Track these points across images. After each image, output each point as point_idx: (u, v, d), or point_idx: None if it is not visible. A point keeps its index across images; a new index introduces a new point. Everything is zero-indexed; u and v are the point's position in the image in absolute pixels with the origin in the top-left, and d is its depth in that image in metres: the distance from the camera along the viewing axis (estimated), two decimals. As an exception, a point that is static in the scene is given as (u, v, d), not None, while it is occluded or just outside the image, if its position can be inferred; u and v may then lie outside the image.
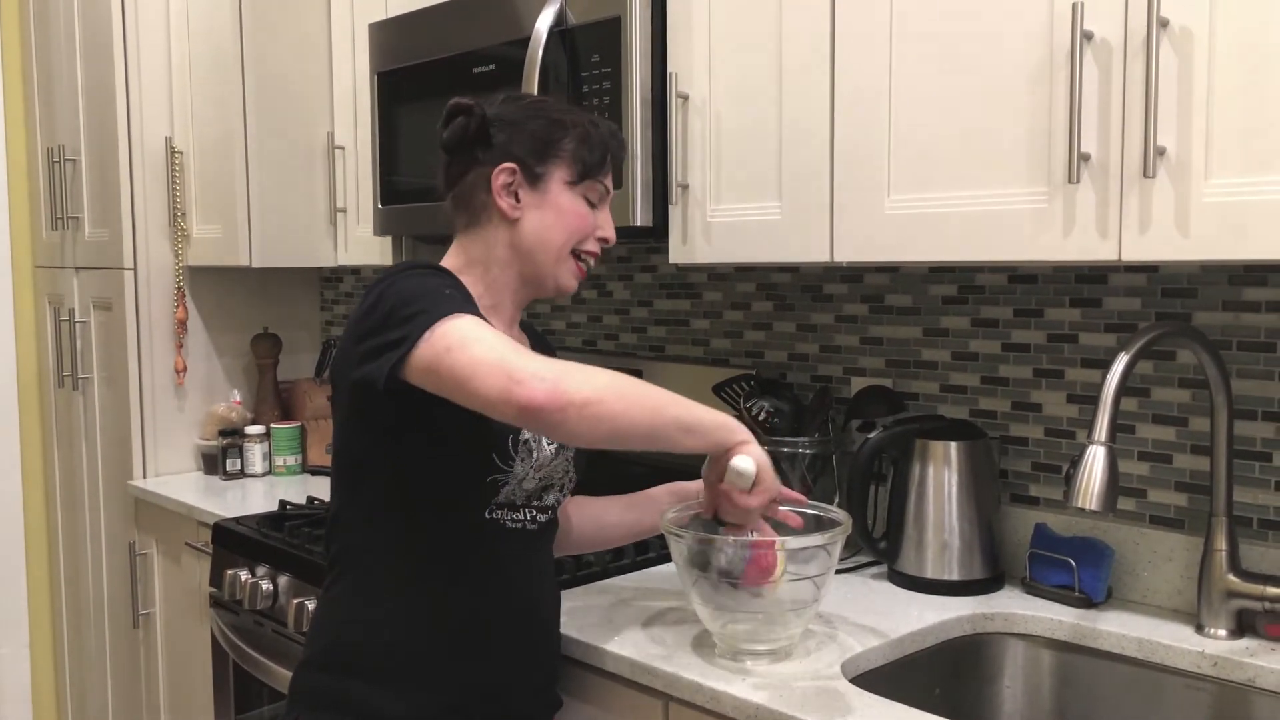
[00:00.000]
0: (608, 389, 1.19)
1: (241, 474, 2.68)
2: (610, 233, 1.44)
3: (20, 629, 3.19)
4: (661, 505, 1.54)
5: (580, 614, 1.56)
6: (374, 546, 1.37)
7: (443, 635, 1.36)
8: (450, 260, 1.42)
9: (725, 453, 1.29)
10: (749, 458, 1.29)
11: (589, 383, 1.18)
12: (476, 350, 1.18)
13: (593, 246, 1.42)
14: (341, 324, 3.03)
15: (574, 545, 1.62)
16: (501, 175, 1.37)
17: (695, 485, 1.48)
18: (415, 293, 1.26)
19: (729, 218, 1.65)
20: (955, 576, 1.63)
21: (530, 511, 1.41)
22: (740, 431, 1.30)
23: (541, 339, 1.60)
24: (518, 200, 1.38)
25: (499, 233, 1.39)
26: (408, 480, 1.33)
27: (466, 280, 1.38)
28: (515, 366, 1.16)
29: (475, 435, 1.31)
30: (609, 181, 1.43)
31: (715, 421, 1.28)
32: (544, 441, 1.39)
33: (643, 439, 1.22)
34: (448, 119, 1.40)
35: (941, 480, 1.64)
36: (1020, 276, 1.72)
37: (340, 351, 1.34)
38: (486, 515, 1.36)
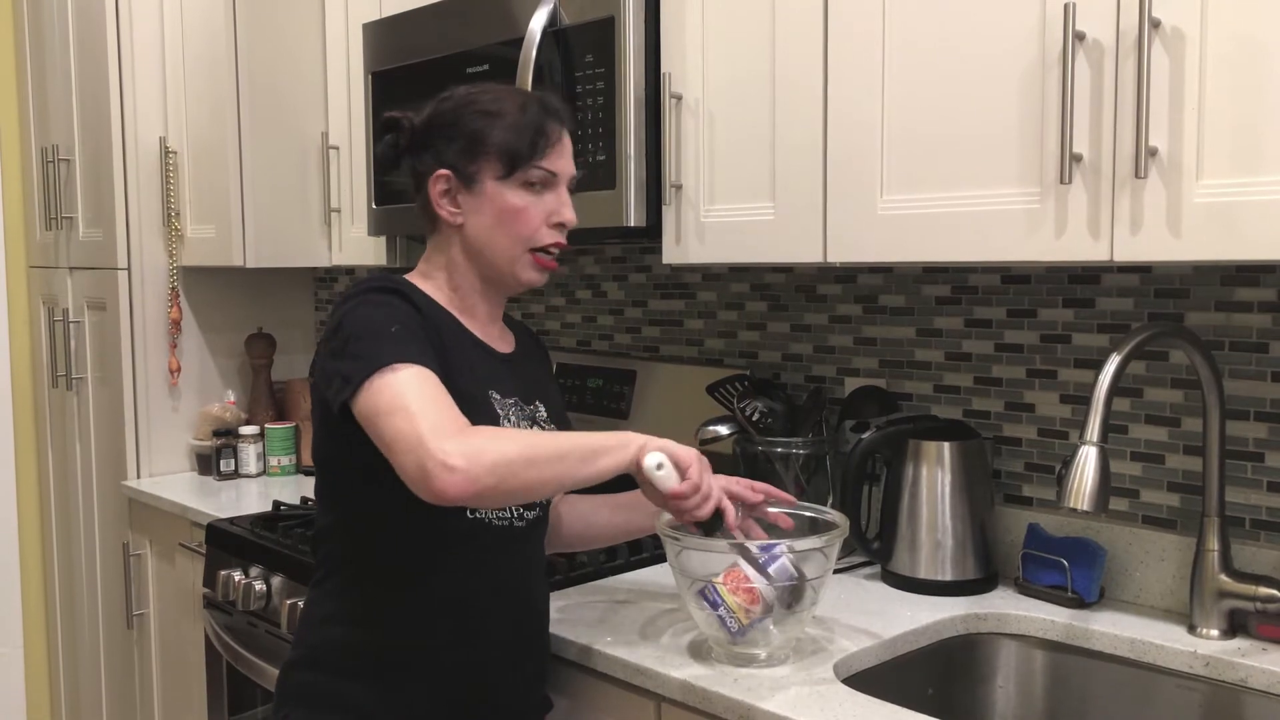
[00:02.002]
0: (516, 459, 1.18)
1: (235, 474, 2.68)
2: (566, 215, 1.39)
3: (14, 629, 3.18)
4: (650, 506, 1.53)
5: (574, 614, 1.56)
6: (359, 546, 1.37)
7: (431, 633, 1.36)
8: (421, 266, 1.43)
9: (637, 466, 1.27)
10: (653, 453, 1.27)
11: (499, 461, 1.17)
12: (400, 422, 1.18)
13: (549, 237, 1.38)
14: (336, 324, 3.02)
15: (563, 543, 1.61)
16: (437, 183, 1.36)
17: None
18: (364, 328, 1.26)
19: (723, 218, 1.65)
20: (948, 577, 1.63)
21: (515, 509, 1.40)
22: (634, 438, 1.28)
23: (533, 338, 1.58)
24: (457, 206, 1.36)
25: (452, 238, 1.39)
26: (385, 486, 1.30)
27: (435, 286, 1.39)
28: (427, 454, 1.15)
29: None
30: (550, 163, 1.37)
31: (611, 442, 1.26)
32: None
33: (557, 489, 1.25)
34: (378, 135, 1.40)
35: (935, 480, 1.64)
36: (1013, 277, 1.72)
37: (314, 361, 1.35)
38: (469, 515, 1.35)
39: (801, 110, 1.53)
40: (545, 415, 1.47)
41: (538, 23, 1.77)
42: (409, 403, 1.19)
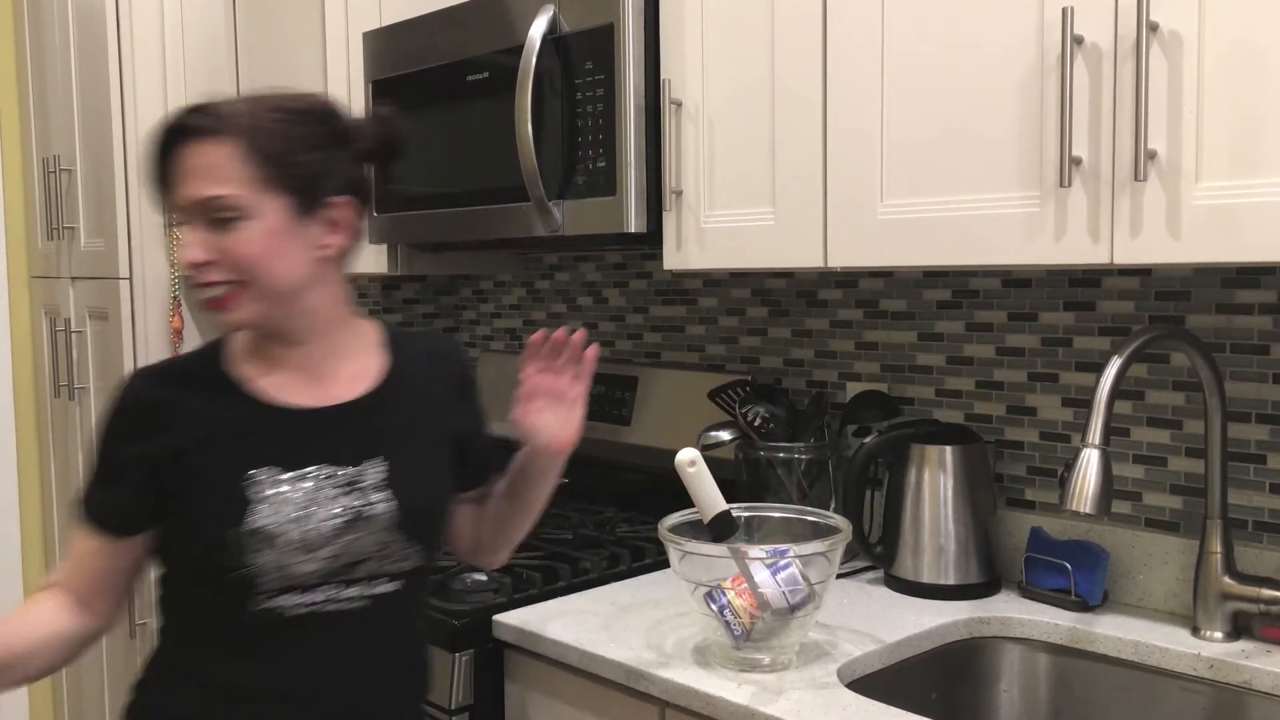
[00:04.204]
0: None
1: (238, 483, 2.67)
2: (181, 254, 1.21)
3: (17, 640, 3.17)
4: (521, 468, 1.35)
5: (576, 620, 1.56)
6: (167, 620, 1.30)
7: None
8: None
9: None
10: None
11: None
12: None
13: (193, 279, 1.18)
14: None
15: (484, 554, 1.44)
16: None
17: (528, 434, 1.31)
18: (91, 455, 1.25)
19: (723, 223, 1.65)
20: (951, 581, 1.63)
21: (330, 589, 1.19)
22: None
23: (434, 362, 1.35)
24: None
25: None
26: (167, 563, 1.26)
27: (243, 340, 1.26)
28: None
29: (187, 534, 1.20)
30: (172, 195, 1.17)
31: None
32: (312, 519, 1.18)
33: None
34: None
35: (937, 485, 1.64)
36: (1014, 281, 1.72)
37: None
38: (253, 608, 1.17)
39: (801, 116, 1.54)
40: (378, 479, 1.22)
41: (537, 30, 1.78)
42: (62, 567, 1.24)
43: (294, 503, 1.17)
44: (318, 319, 1.22)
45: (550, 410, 1.29)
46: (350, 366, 1.27)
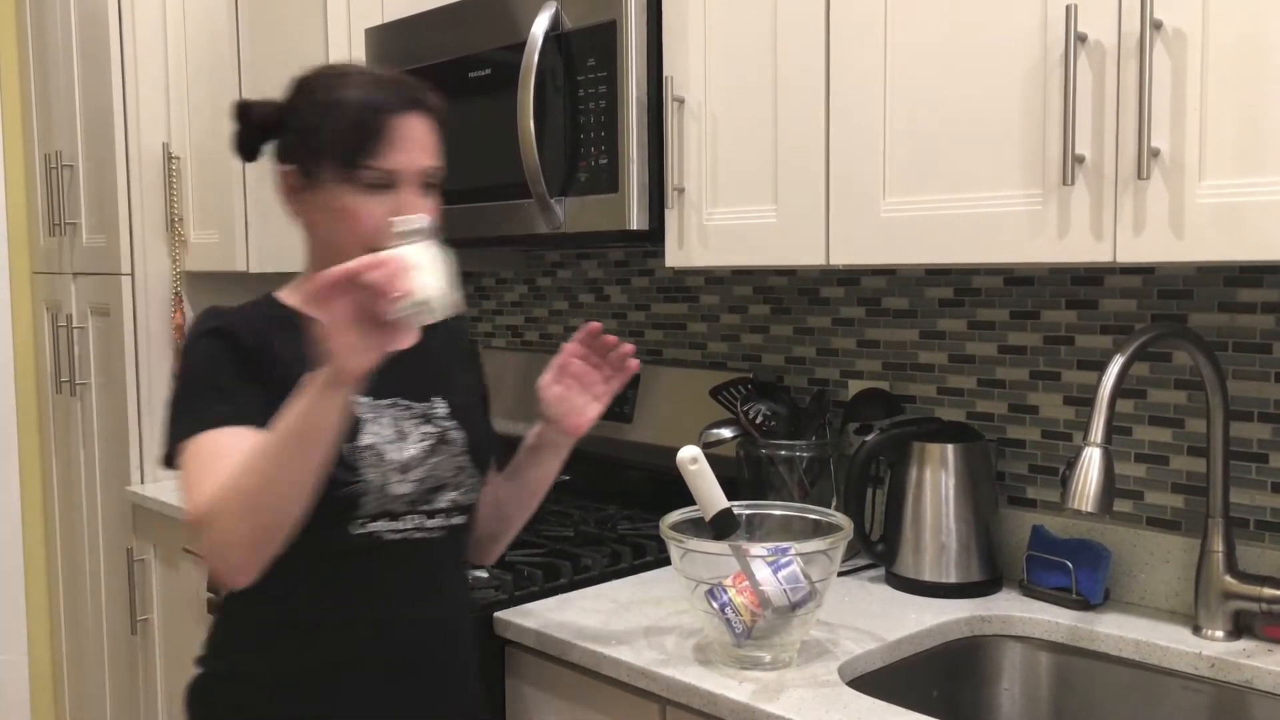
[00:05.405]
0: (250, 517, 1.11)
1: (239, 479, 2.67)
2: (411, 210, 1.23)
3: (18, 635, 3.18)
4: (529, 446, 1.43)
5: (577, 618, 1.56)
6: None
7: (325, 663, 1.28)
8: (303, 262, 1.36)
9: (337, 368, 1.08)
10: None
11: (236, 531, 1.12)
12: (188, 503, 1.17)
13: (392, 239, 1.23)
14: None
15: (485, 541, 1.49)
16: (283, 179, 1.30)
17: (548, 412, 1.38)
18: (180, 383, 1.25)
19: (725, 221, 1.65)
20: (952, 579, 1.63)
21: (416, 519, 1.29)
22: (327, 368, 1.08)
23: (453, 325, 1.31)
24: (302, 203, 1.29)
25: (307, 234, 1.33)
26: None
27: (304, 288, 1.30)
28: (204, 555, 1.16)
29: None
30: (386, 161, 1.23)
31: (314, 384, 1.09)
32: (407, 441, 1.29)
33: (312, 473, 1.11)
34: (235, 121, 1.32)
35: (938, 483, 1.64)
36: (1016, 279, 1.72)
37: None
38: (354, 531, 1.25)
39: (804, 113, 1.54)
40: (445, 412, 1.35)
41: (540, 27, 1.78)
42: (184, 499, 1.18)
43: (389, 426, 1.29)
44: None
45: (576, 393, 1.37)
46: None
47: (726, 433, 1.86)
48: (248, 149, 1.33)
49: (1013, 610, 1.57)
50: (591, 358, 1.37)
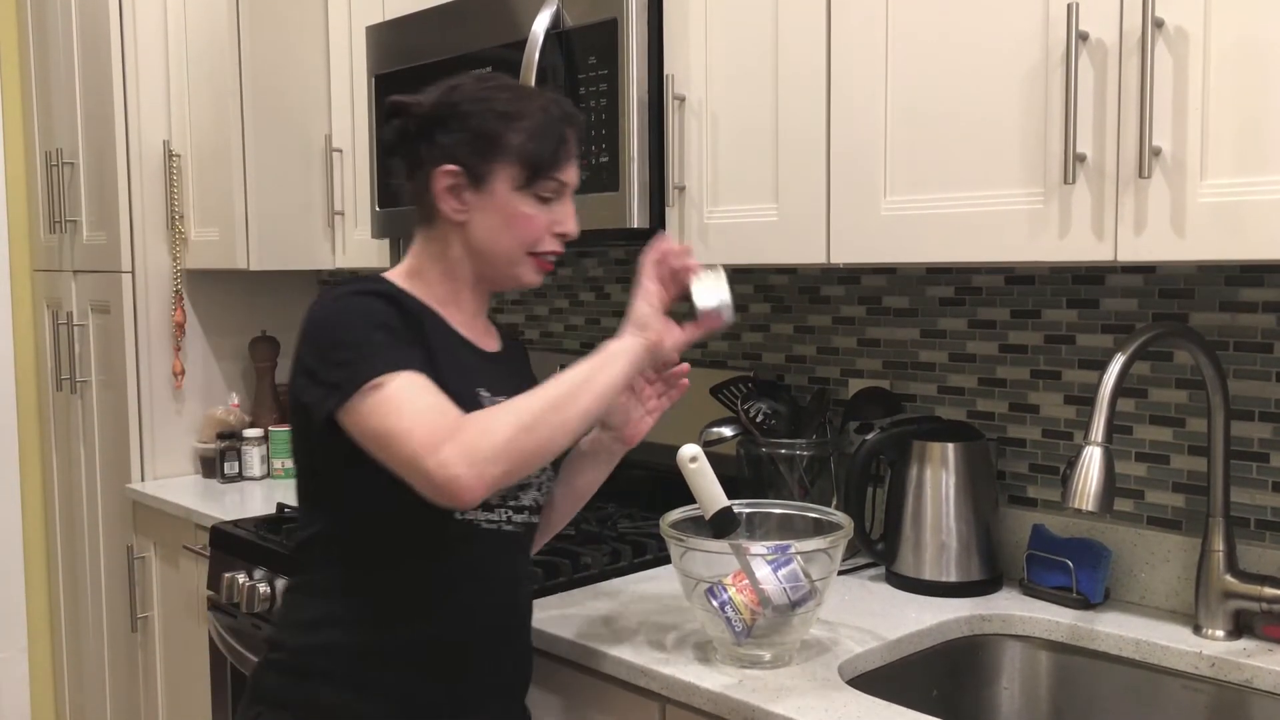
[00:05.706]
0: (514, 433, 1.17)
1: (239, 477, 2.68)
2: (569, 227, 1.36)
3: (18, 632, 3.18)
4: (583, 453, 1.50)
5: (577, 616, 1.56)
6: (345, 551, 1.34)
7: (413, 642, 1.33)
8: (409, 261, 1.39)
9: (647, 337, 1.28)
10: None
11: (496, 447, 1.16)
12: (395, 446, 1.17)
13: (550, 245, 1.35)
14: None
15: (556, 521, 1.55)
16: (444, 178, 1.31)
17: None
18: (348, 334, 1.24)
19: (726, 219, 1.65)
20: (953, 578, 1.63)
21: (505, 512, 1.36)
22: (622, 336, 1.28)
23: (513, 338, 1.52)
24: (463, 203, 1.32)
25: (450, 233, 1.35)
26: (366, 492, 1.28)
27: (422, 283, 1.36)
28: (428, 473, 1.15)
29: None
30: (566, 174, 1.34)
31: (610, 348, 1.26)
32: None
33: (579, 429, 1.22)
34: (386, 118, 1.36)
35: (939, 482, 1.64)
36: (1017, 278, 1.72)
37: (292, 366, 1.31)
38: (457, 516, 1.31)
39: (804, 112, 1.53)
40: None
41: (540, 25, 1.78)
42: (397, 422, 1.17)
43: None
44: None
45: (634, 404, 1.44)
46: (482, 323, 1.44)
47: (727, 431, 1.86)
48: (407, 146, 1.35)
49: (1013, 609, 1.57)
50: (647, 372, 1.42)
